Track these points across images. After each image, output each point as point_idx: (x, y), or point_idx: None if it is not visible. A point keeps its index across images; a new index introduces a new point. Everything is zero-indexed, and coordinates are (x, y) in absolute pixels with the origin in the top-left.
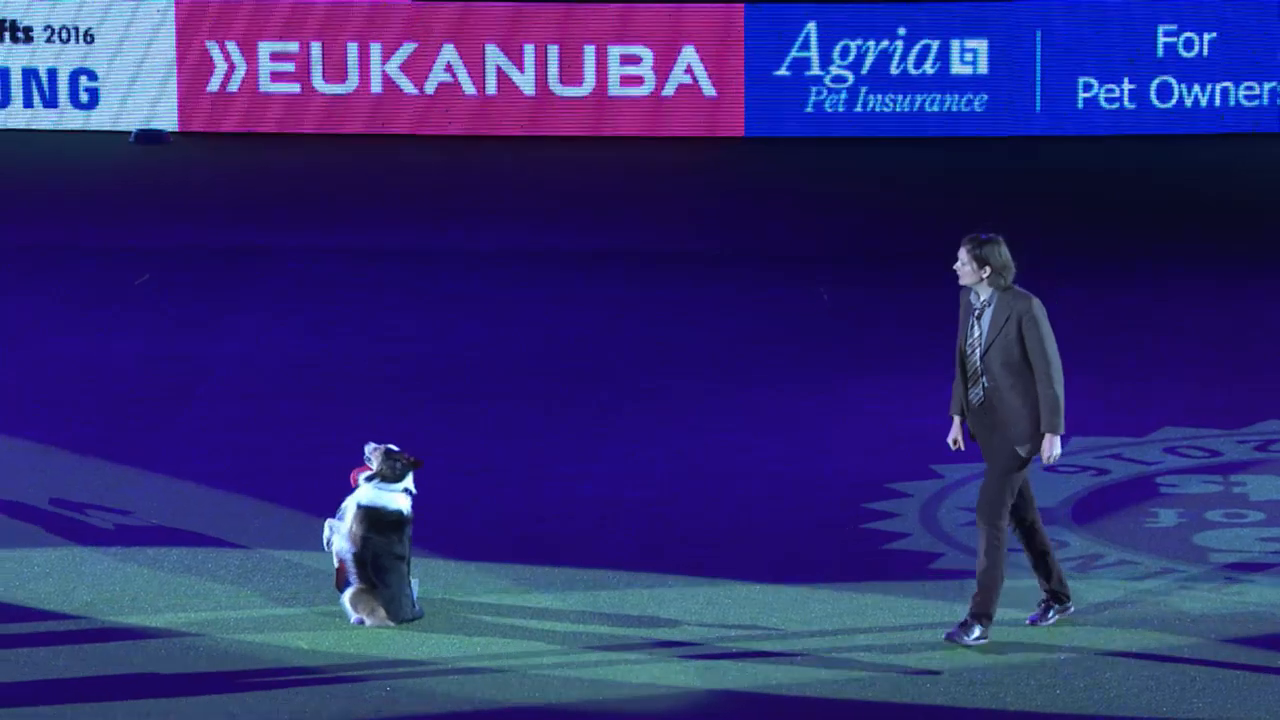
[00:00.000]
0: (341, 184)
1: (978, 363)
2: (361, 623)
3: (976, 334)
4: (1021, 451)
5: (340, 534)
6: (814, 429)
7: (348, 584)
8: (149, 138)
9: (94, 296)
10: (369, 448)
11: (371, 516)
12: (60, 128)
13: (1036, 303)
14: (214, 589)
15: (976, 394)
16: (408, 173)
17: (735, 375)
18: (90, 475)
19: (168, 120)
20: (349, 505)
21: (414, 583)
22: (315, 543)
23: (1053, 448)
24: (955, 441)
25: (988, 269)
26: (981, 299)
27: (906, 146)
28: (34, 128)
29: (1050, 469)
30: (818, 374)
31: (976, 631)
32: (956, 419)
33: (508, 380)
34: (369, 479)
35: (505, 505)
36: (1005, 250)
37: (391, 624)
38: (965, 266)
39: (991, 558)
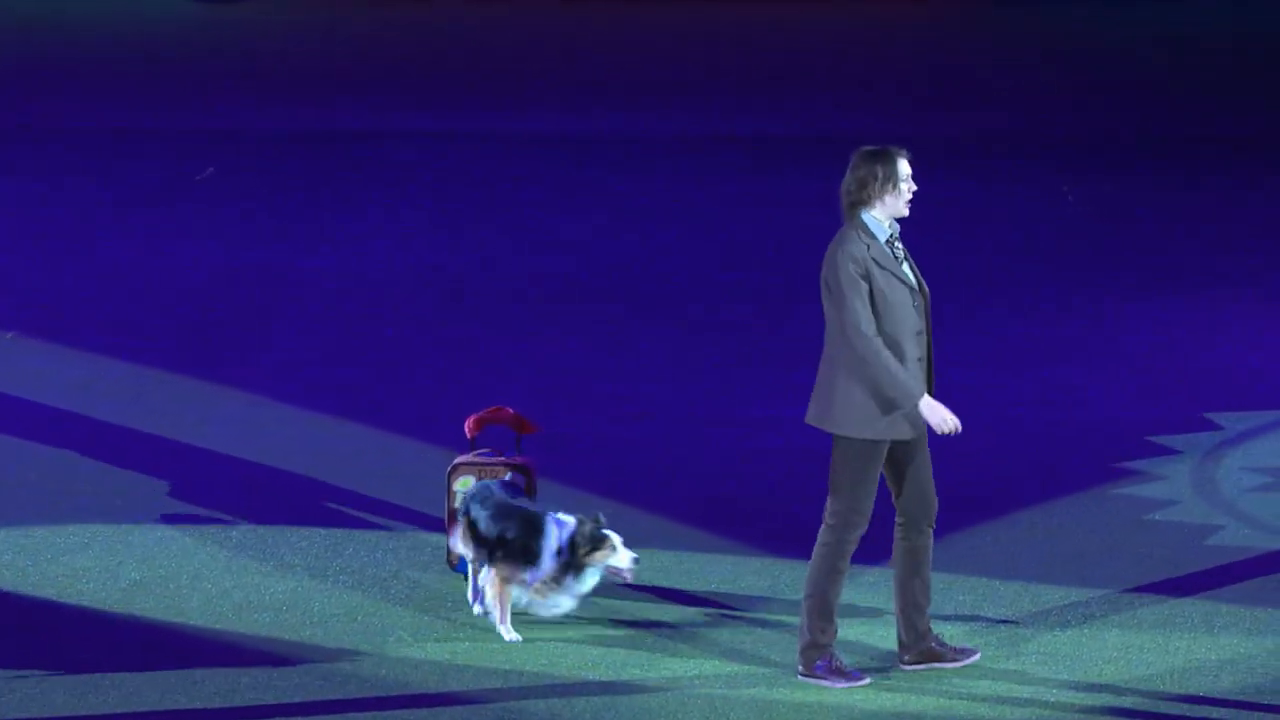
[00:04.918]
0: (470, 52)
1: (924, 324)
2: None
3: (914, 282)
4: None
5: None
6: (1064, 364)
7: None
8: None
9: (155, 192)
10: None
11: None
12: None
13: None
14: (294, 565)
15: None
16: (556, 39)
17: (964, 294)
18: (145, 420)
19: None
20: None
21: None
22: (425, 511)
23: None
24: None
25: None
26: (895, 232)
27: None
28: None
29: None
30: (1068, 295)
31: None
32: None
33: (681, 300)
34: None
35: (676, 457)
36: None
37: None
38: (908, 184)
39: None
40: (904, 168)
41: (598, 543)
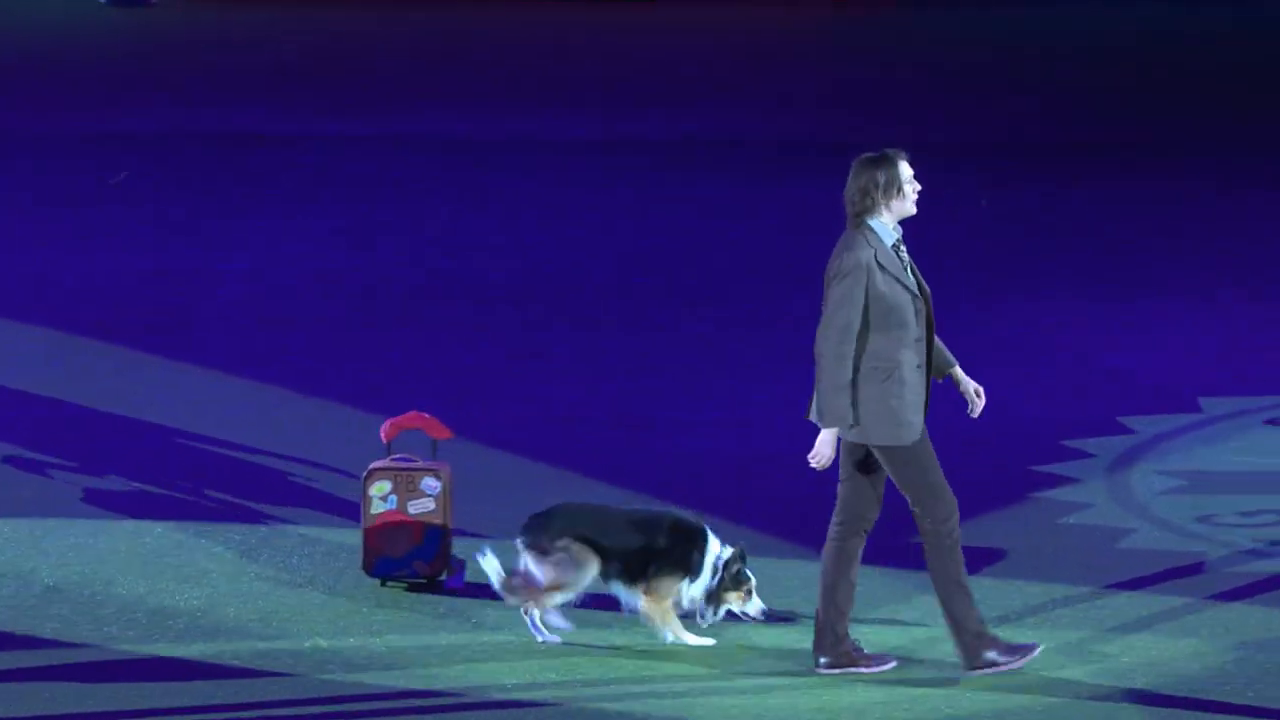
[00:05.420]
0: (375, 55)
1: (923, 330)
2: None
3: (915, 288)
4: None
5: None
6: (970, 367)
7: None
8: None
9: (64, 196)
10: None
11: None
12: None
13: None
14: (209, 570)
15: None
16: (459, 40)
17: None
18: (57, 425)
19: None
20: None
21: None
22: (340, 516)
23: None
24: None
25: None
26: (899, 235)
27: (1090, 3)
28: None
29: None
30: (974, 298)
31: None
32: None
33: (591, 302)
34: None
35: (602, 464)
36: None
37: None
38: (911, 185)
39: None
40: (905, 170)
41: (739, 583)
